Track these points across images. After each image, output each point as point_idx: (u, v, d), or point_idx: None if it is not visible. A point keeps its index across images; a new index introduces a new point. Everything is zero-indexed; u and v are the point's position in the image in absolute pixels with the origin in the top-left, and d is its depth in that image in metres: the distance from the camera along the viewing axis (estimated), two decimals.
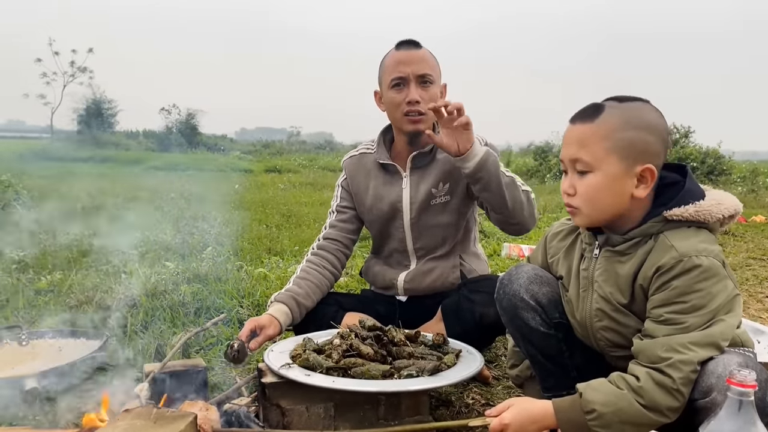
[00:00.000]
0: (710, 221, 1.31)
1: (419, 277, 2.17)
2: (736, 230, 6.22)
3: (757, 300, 3.44)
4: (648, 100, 1.36)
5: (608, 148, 1.30)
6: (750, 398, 1.08)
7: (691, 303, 1.24)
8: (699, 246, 1.27)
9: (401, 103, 2.03)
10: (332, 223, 2.26)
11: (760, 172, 13.12)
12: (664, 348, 1.23)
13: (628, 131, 1.29)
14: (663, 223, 1.32)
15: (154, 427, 1.33)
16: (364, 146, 2.30)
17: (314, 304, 2.10)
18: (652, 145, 1.30)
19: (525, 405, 1.32)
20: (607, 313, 1.41)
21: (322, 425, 1.64)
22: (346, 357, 1.68)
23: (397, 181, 2.17)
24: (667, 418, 1.23)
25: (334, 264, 2.20)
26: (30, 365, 2.13)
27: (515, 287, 1.55)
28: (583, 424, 1.25)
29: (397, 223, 2.18)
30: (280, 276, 3.50)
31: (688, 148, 13.27)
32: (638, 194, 1.32)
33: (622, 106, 1.32)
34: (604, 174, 1.31)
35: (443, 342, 1.84)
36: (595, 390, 1.27)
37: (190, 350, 2.37)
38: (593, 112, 1.33)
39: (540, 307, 1.53)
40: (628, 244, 1.36)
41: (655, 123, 1.32)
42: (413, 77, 2.02)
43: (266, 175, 14.71)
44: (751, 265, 4.48)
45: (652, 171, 1.30)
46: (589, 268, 1.45)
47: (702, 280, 1.24)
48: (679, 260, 1.26)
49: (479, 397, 2.00)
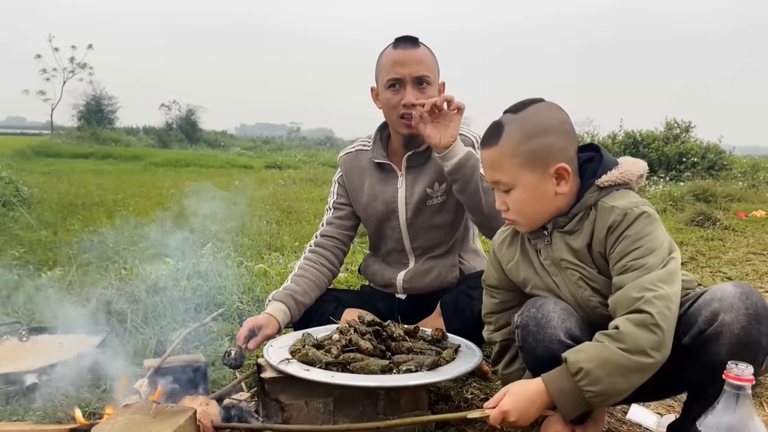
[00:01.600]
0: (633, 180, 1.44)
1: (418, 277, 2.16)
2: (737, 225, 6.22)
3: None
4: (542, 99, 1.46)
5: (517, 164, 1.41)
6: (747, 392, 1.08)
7: (645, 246, 1.33)
8: (635, 199, 1.40)
9: (397, 105, 2.00)
10: (329, 220, 2.25)
11: (760, 167, 13.09)
12: (635, 290, 1.29)
13: (529, 142, 1.39)
14: (597, 192, 1.43)
15: (154, 422, 1.33)
16: (360, 143, 2.28)
17: (312, 301, 2.09)
18: (554, 144, 1.41)
19: (521, 389, 1.33)
20: (586, 278, 1.45)
21: (322, 420, 1.65)
22: (345, 352, 1.68)
23: (393, 180, 2.15)
24: (652, 359, 1.24)
25: (331, 261, 2.19)
26: (31, 361, 2.13)
27: (550, 332, 1.41)
28: (575, 389, 1.26)
29: (393, 223, 2.16)
30: (280, 272, 3.50)
31: (689, 143, 13.24)
32: (561, 191, 1.42)
33: (517, 118, 1.42)
34: (524, 187, 1.42)
35: (442, 337, 1.84)
36: (578, 351, 1.30)
37: (190, 346, 2.37)
38: (495, 134, 1.43)
39: (576, 343, 1.39)
40: (574, 221, 1.45)
41: (551, 122, 1.42)
42: (410, 79, 1.97)
43: (266, 171, 14.71)
44: (751, 260, 4.48)
45: (565, 168, 1.40)
46: (549, 254, 1.49)
47: (649, 224, 1.35)
48: (624, 214, 1.36)
49: (478, 392, 2.01)
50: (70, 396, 1.89)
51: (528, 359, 1.51)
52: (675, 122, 13.97)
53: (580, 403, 1.28)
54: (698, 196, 8.20)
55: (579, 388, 1.26)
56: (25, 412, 1.81)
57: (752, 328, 1.23)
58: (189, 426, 1.37)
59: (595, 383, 1.25)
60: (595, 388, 1.25)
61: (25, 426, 1.64)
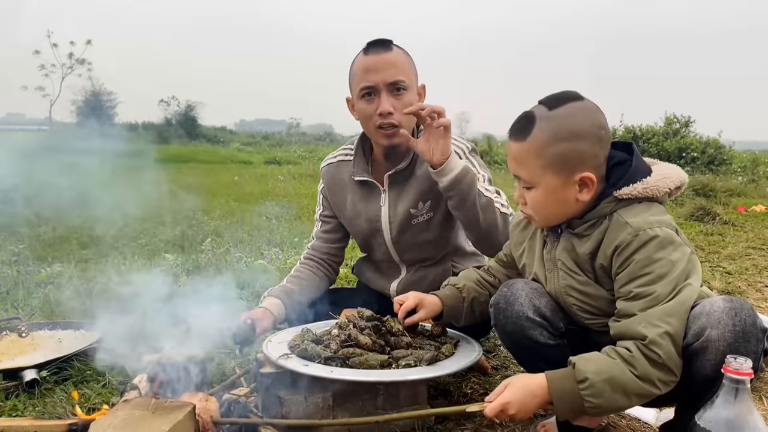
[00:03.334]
0: (658, 196, 1.36)
1: (411, 286, 2.07)
2: (736, 220, 6.22)
3: (757, 290, 3.44)
4: (579, 97, 1.37)
5: (542, 165, 1.34)
6: (746, 386, 1.09)
7: (655, 273, 1.27)
8: (651, 219, 1.31)
9: (372, 115, 1.88)
10: (318, 234, 2.23)
11: (760, 162, 13.09)
12: (642, 324, 1.26)
13: (558, 145, 1.32)
14: (615, 203, 1.36)
15: (153, 417, 1.34)
16: (343, 151, 2.17)
17: (308, 300, 2.07)
18: (585, 152, 1.33)
19: (523, 382, 1.32)
20: (576, 288, 1.44)
21: (321, 415, 1.65)
22: (344, 347, 1.68)
23: (376, 197, 2.06)
24: (658, 390, 1.25)
25: (326, 270, 2.20)
26: (30, 356, 2.13)
27: (517, 308, 1.48)
28: (576, 394, 1.26)
29: (379, 240, 2.10)
30: (280, 267, 3.50)
31: (689, 137, 13.24)
32: (582, 198, 1.36)
33: (551, 116, 1.34)
34: (545, 189, 1.37)
35: (441, 332, 1.84)
36: (587, 360, 1.28)
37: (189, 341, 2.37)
38: (524, 129, 1.36)
39: (546, 321, 1.48)
40: (585, 225, 1.40)
41: (585, 127, 1.34)
42: (383, 86, 1.85)
43: (266, 167, 14.70)
44: (750, 254, 4.48)
45: (591, 178, 1.34)
46: (552, 251, 1.49)
47: (660, 249, 1.28)
48: (635, 235, 1.30)
49: (478, 387, 2.01)
50: (70, 391, 1.89)
51: (500, 336, 1.58)
52: (674, 117, 13.97)
53: (577, 409, 1.28)
54: (698, 190, 8.20)
55: (580, 396, 1.26)
56: (25, 407, 1.81)
57: (739, 346, 1.21)
58: (188, 421, 1.38)
59: (597, 396, 1.25)
60: (596, 401, 1.25)
61: (25, 421, 1.63)
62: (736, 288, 3.41)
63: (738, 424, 1.08)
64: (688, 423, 1.16)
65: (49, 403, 1.81)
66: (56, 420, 1.65)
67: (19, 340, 2.27)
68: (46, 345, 2.25)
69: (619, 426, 1.73)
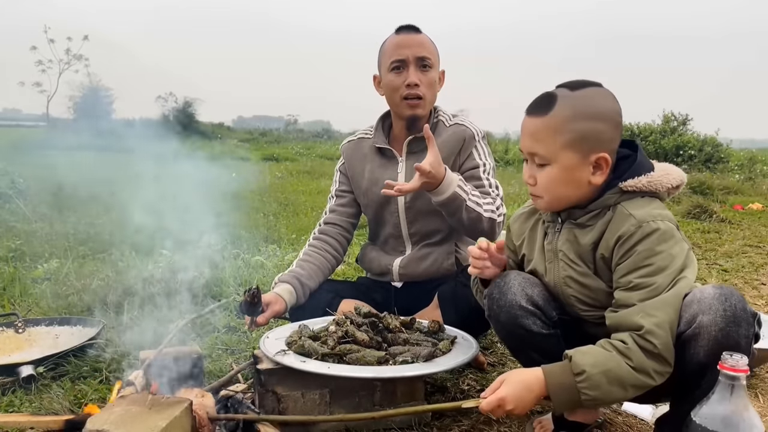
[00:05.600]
0: (661, 191, 1.39)
1: (414, 263, 2.18)
2: (733, 218, 6.23)
3: (753, 287, 3.45)
4: (600, 84, 1.39)
5: (562, 141, 1.34)
6: (742, 382, 1.09)
7: (656, 264, 1.29)
8: (654, 212, 1.33)
9: (400, 86, 2.05)
10: (332, 208, 2.30)
11: (757, 160, 13.11)
12: (639, 314, 1.27)
13: (580, 123, 1.33)
14: (619, 195, 1.38)
15: (150, 413, 1.33)
16: (362, 132, 2.32)
17: (317, 285, 2.12)
18: (604, 133, 1.35)
19: (519, 377, 1.32)
20: (576, 279, 1.45)
21: (318, 411, 1.65)
22: (341, 343, 1.68)
23: (393, 165, 2.19)
24: (653, 381, 1.26)
25: (335, 248, 2.22)
26: (27, 352, 2.13)
27: (510, 297, 1.50)
28: (573, 387, 1.27)
29: (392, 207, 2.19)
30: (277, 264, 3.50)
31: (686, 135, 13.24)
32: (595, 181, 1.37)
33: (573, 96, 1.35)
34: (560, 166, 1.36)
35: (438, 329, 1.84)
36: (584, 353, 1.29)
37: (186, 337, 2.37)
38: (546, 105, 1.36)
39: (539, 310, 1.50)
40: (588, 216, 1.41)
41: (606, 110, 1.36)
42: (413, 59, 2.04)
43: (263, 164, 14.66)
44: (747, 252, 4.50)
45: (606, 159, 1.35)
46: (553, 242, 1.48)
47: (662, 242, 1.30)
48: (638, 226, 1.31)
49: (474, 383, 2.01)
50: (67, 387, 1.89)
51: (494, 327, 1.58)
52: (672, 115, 13.97)
53: (574, 402, 1.29)
54: (695, 188, 8.20)
55: (577, 388, 1.26)
56: (21, 403, 1.81)
57: (730, 330, 1.22)
58: (185, 417, 1.37)
59: (594, 388, 1.26)
60: (592, 393, 1.26)
61: (22, 417, 1.63)
62: (733, 286, 3.41)
63: (734, 420, 1.08)
64: (683, 415, 1.17)
65: (46, 399, 1.81)
66: (53, 416, 1.64)
67: (15, 336, 2.26)
68: (42, 341, 2.25)
69: (615, 422, 1.74)
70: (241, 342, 2.36)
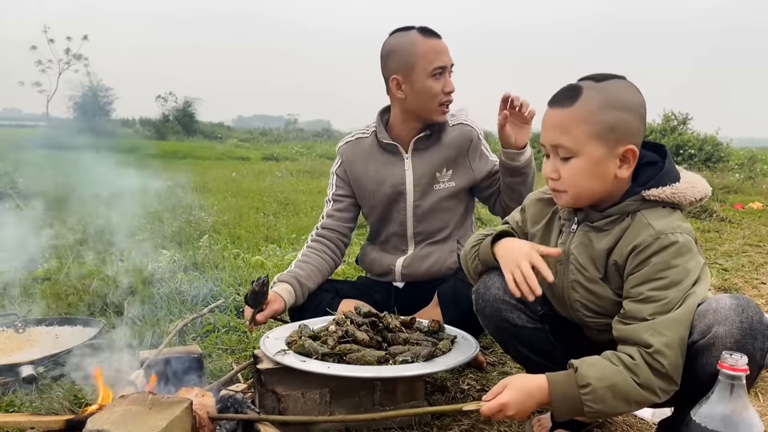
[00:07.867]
0: (684, 203, 1.34)
1: (417, 262, 2.17)
2: (733, 217, 6.23)
3: (753, 286, 3.45)
4: (624, 77, 1.35)
5: (589, 132, 1.29)
6: (742, 382, 1.09)
7: (670, 278, 1.26)
8: (674, 224, 1.30)
9: (439, 93, 2.05)
10: (329, 213, 2.26)
11: (757, 159, 13.10)
12: (648, 332, 1.25)
13: (607, 113, 1.29)
14: (640, 202, 1.34)
15: (150, 413, 1.33)
16: (359, 132, 2.28)
17: (316, 286, 2.12)
18: (631, 124, 1.31)
19: (521, 382, 1.31)
20: (583, 285, 1.42)
21: (318, 411, 1.65)
22: (341, 343, 1.68)
23: (399, 162, 2.17)
24: (658, 399, 1.25)
25: (333, 251, 2.21)
26: (27, 352, 2.13)
27: (494, 292, 1.51)
28: (576, 399, 1.25)
29: (400, 205, 2.18)
30: (277, 264, 3.49)
31: (686, 135, 13.23)
32: (621, 174, 1.33)
33: (599, 87, 1.31)
34: (587, 158, 1.31)
35: (438, 328, 1.84)
36: (590, 365, 1.28)
37: (186, 337, 2.37)
38: (571, 96, 1.32)
39: (522, 304, 1.50)
40: (605, 220, 1.38)
41: (633, 101, 1.32)
42: (449, 67, 2.07)
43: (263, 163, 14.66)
44: (747, 251, 4.50)
45: (634, 151, 1.31)
46: (566, 242, 1.45)
47: (679, 255, 1.27)
48: (656, 237, 1.28)
49: (474, 383, 2.01)
50: (67, 387, 1.89)
51: (482, 322, 1.59)
52: (672, 114, 13.96)
53: (576, 412, 1.28)
54: None
55: (581, 400, 1.25)
56: (21, 403, 1.81)
57: (746, 342, 1.20)
58: (185, 417, 1.37)
59: (598, 402, 1.25)
60: (596, 406, 1.25)
61: (22, 417, 1.63)
62: (733, 285, 3.42)
63: (733, 420, 1.08)
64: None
65: (46, 399, 1.81)
66: (53, 416, 1.65)
67: (15, 336, 2.27)
68: (42, 341, 2.25)
69: (615, 422, 1.74)
70: (241, 342, 2.36)
